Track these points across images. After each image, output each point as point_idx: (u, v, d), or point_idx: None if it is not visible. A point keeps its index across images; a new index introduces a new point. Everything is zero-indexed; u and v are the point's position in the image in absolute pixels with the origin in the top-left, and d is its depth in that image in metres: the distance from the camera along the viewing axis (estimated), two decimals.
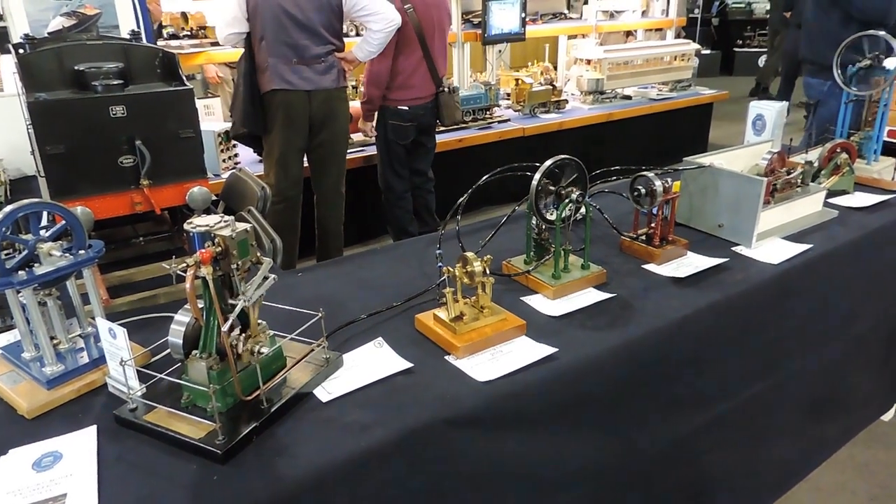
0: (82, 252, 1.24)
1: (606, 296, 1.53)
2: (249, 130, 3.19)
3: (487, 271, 1.35)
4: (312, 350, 1.27)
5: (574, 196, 1.53)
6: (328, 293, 1.58)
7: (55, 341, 1.27)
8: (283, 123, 3.16)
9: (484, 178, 1.68)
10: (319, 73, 3.14)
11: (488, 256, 1.36)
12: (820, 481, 2.35)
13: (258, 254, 1.15)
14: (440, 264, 1.53)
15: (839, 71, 2.26)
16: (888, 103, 2.28)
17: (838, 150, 2.14)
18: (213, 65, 5.16)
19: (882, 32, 2.20)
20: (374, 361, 1.30)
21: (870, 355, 2.13)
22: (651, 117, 5.69)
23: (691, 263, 1.68)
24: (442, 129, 4.51)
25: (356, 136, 4.35)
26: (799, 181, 1.96)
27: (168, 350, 1.16)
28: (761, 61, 9.08)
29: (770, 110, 2.26)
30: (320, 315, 1.26)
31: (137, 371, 1.15)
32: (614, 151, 5.46)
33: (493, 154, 4.75)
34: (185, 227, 1.11)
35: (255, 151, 3.50)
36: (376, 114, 3.71)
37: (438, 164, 4.22)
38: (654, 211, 1.71)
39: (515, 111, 5.22)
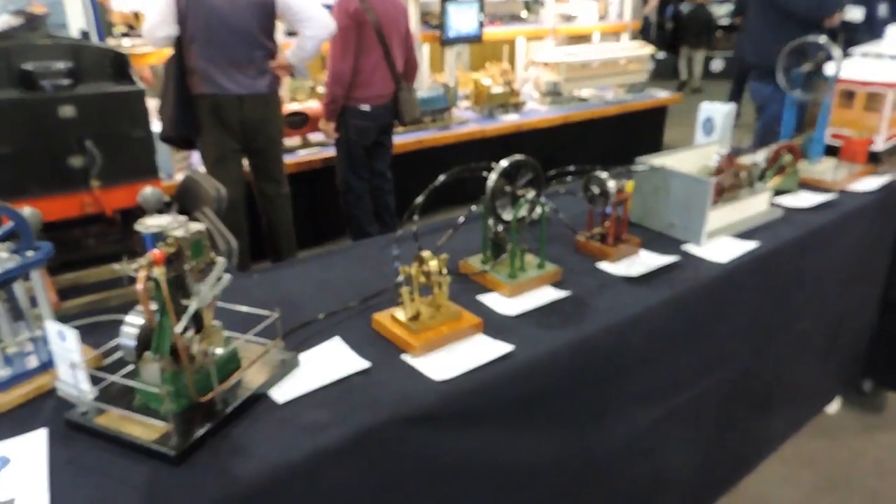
0: (30, 253, 1.21)
1: (562, 294, 1.56)
2: (179, 133, 3.15)
3: (444, 270, 1.37)
4: (268, 351, 1.27)
5: (529, 196, 1.55)
6: (285, 294, 1.58)
7: (2, 345, 1.24)
8: (214, 127, 3.14)
9: (441, 177, 1.70)
10: (252, 77, 3.12)
11: (444, 255, 1.38)
12: (767, 473, 2.44)
13: (212, 254, 1.15)
14: (397, 264, 1.54)
15: (783, 75, 2.35)
16: (829, 106, 2.38)
17: (783, 151, 2.23)
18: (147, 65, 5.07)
19: (823, 38, 2.29)
20: (331, 361, 1.30)
21: (813, 350, 2.21)
22: (607, 119, 5.79)
23: (644, 262, 1.73)
24: (401, 128, 4.52)
25: (314, 137, 4.33)
26: (746, 181, 2.03)
27: (120, 352, 1.15)
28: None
29: (719, 112, 2.34)
30: (276, 315, 1.26)
31: (89, 374, 1.14)
32: (572, 152, 5.54)
33: (452, 155, 4.78)
34: (137, 227, 1.10)
35: (186, 150, 3.46)
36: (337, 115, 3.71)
37: (398, 165, 4.23)
38: (608, 211, 1.75)
39: (474, 112, 5.26)
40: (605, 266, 1.71)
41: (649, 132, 6.27)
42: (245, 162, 3.34)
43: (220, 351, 1.16)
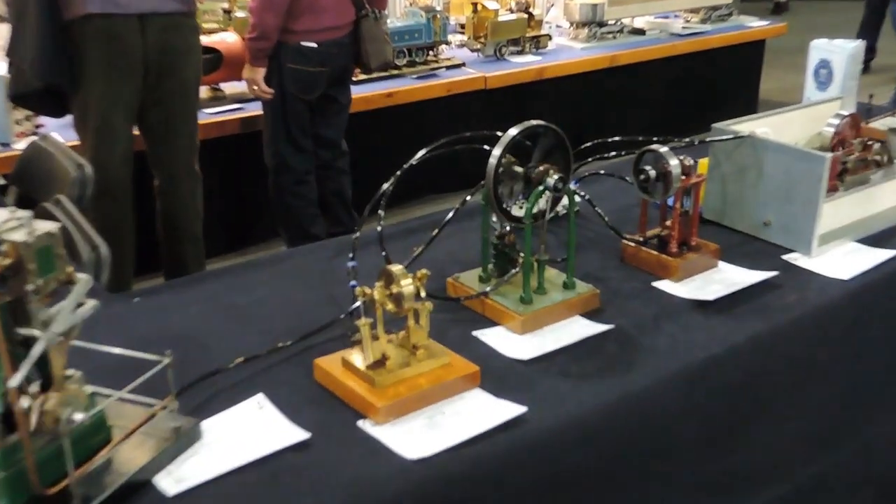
0: None
1: (600, 328, 1.57)
2: (48, 83, 3.12)
3: (423, 293, 1.37)
4: (153, 416, 1.27)
5: (552, 181, 1.57)
6: (181, 328, 1.57)
7: None
8: (103, 69, 3.09)
9: (420, 153, 1.71)
10: None
11: (423, 271, 1.39)
12: None
13: (70, 268, 1.15)
14: (354, 283, 1.54)
15: None
16: None
17: None
18: None
19: None
20: (250, 431, 1.30)
21: None
22: (674, 62, 5.85)
23: (724, 280, 1.73)
24: (363, 76, 4.54)
25: (229, 88, 4.34)
26: (882, 158, 2.05)
27: None
28: None
29: (839, 54, 2.36)
30: (166, 361, 1.26)
31: None
32: (618, 114, 5.59)
33: (439, 117, 4.81)
34: None
35: (52, 115, 3.43)
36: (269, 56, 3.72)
37: (357, 133, 4.25)
38: (670, 203, 1.77)
39: (473, 51, 5.30)
40: (665, 286, 1.72)
41: (736, 82, 6.34)
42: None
43: (79, 416, 1.16)
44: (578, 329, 1.57)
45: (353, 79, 4.22)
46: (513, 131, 1.55)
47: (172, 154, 3.38)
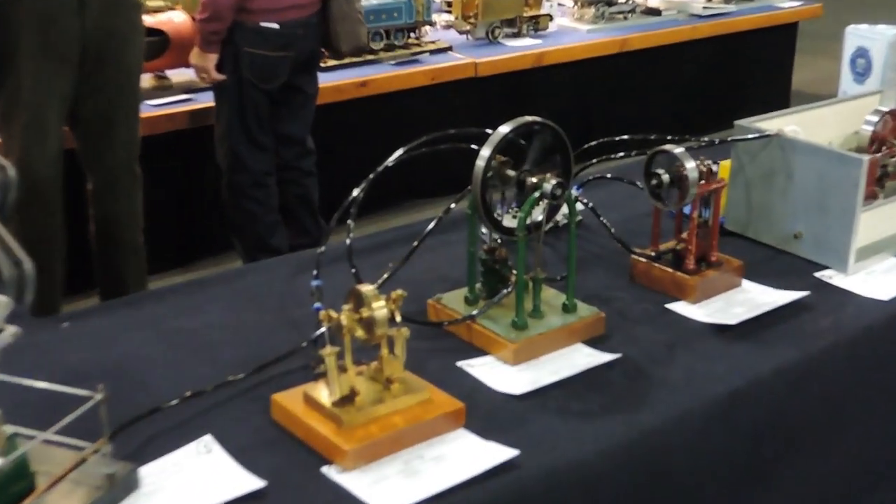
0: None
1: (605, 358, 1.57)
2: None
3: (398, 317, 1.37)
4: (85, 460, 1.26)
5: (550, 187, 1.57)
6: (117, 358, 1.57)
7: None
8: (36, 56, 3.11)
9: (397, 153, 1.71)
10: None
11: (399, 292, 1.39)
12: None
13: None
14: (318, 305, 1.54)
15: None
16: None
17: None
18: None
19: None
20: (195, 479, 1.29)
21: None
22: (693, 48, 5.89)
23: (748, 301, 1.74)
24: (333, 62, 4.54)
25: (177, 76, 4.33)
26: None
27: None
28: None
29: (880, 41, 2.38)
30: (99, 397, 1.25)
31: None
32: (628, 108, 5.62)
33: (421, 109, 4.82)
34: None
35: None
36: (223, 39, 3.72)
37: (324, 128, 4.25)
38: (687, 212, 1.77)
39: (461, 33, 5.32)
40: (680, 308, 1.73)
41: (765, 72, 6.37)
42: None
43: None
44: (580, 359, 1.57)
45: (321, 65, 4.23)
46: (504, 129, 1.55)
47: (110, 152, 3.37)
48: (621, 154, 2.08)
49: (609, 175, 2.20)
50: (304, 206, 4.08)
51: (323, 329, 1.39)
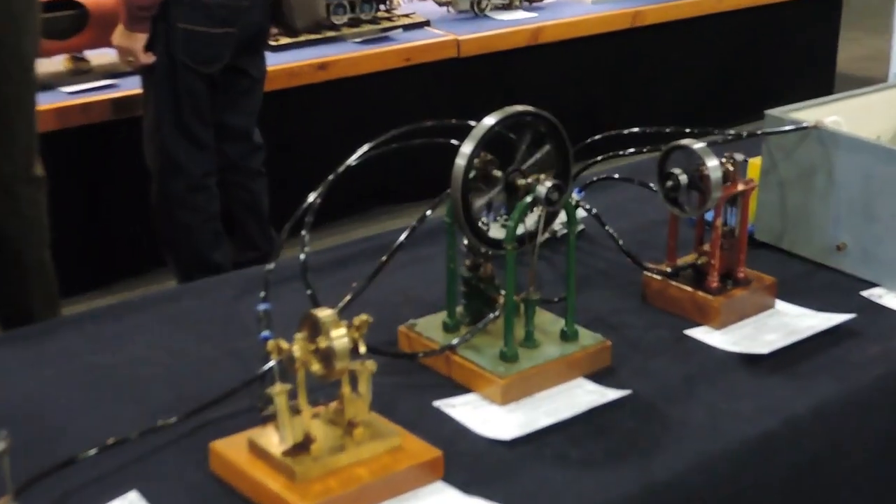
0: None
1: (612, 395, 1.57)
2: None
3: (362, 347, 1.37)
4: None
5: (544, 190, 1.57)
6: (24, 399, 1.56)
7: None
8: None
9: (362, 149, 1.71)
10: None
11: (364, 317, 1.39)
12: None
13: None
14: (266, 334, 1.54)
15: None
16: None
17: None
18: None
19: None
20: None
21: None
22: (719, 23, 5.90)
23: (783, 325, 1.75)
24: (284, 40, 4.55)
25: (97, 57, 4.32)
26: None
27: None
28: None
29: None
30: (2, 446, 1.25)
31: None
32: (641, 94, 5.63)
33: (393, 97, 4.82)
34: None
35: None
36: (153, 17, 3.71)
37: (275, 120, 4.25)
38: (709, 218, 1.79)
39: (441, 5, 5.33)
40: (702, 335, 1.74)
41: (804, 50, 6.38)
42: None
43: None
44: (582, 396, 1.58)
45: (271, 44, 4.22)
46: (490, 120, 1.55)
47: (4, 154, 3.36)
48: (631, 150, 2.09)
49: (617, 175, 2.21)
50: (251, 213, 4.06)
51: (272, 363, 1.39)
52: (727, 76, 6.01)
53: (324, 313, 1.36)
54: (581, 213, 1.94)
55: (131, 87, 4.07)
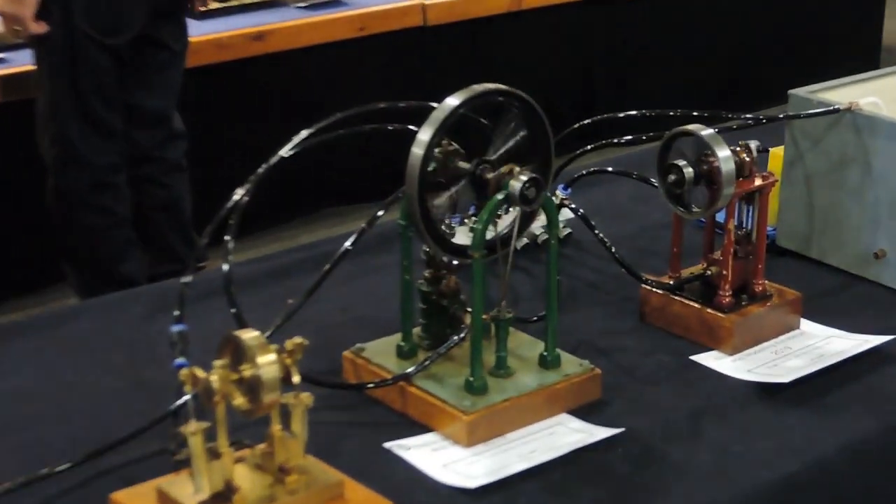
0: None
1: (602, 433, 1.57)
2: None
3: (296, 377, 1.37)
4: None
5: (519, 186, 1.57)
6: None
7: None
8: None
9: (299, 136, 1.71)
10: None
11: (298, 339, 1.39)
12: None
13: None
14: (180, 361, 1.54)
15: None
16: None
17: None
18: None
19: None
20: None
21: None
22: None
23: (809, 349, 1.76)
24: (213, 4, 4.54)
25: None
26: None
27: None
28: None
29: None
30: None
31: None
32: (643, 69, 5.63)
33: (345, 74, 4.82)
34: None
35: None
36: None
37: (200, 102, 4.24)
38: (721, 220, 1.79)
39: None
40: (712, 360, 1.74)
41: (844, 18, 6.40)
42: None
43: None
44: (565, 436, 1.57)
45: (197, 9, 4.23)
46: (453, 101, 1.55)
47: None
48: (628, 138, 2.08)
49: (610, 169, 2.22)
50: (169, 216, 4.06)
51: (187, 396, 1.39)
52: (753, 50, 6.02)
53: (248, 335, 1.35)
54: (566, 213, 1.94)
55: (22, 62, 4.06)
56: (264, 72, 4.65)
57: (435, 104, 1.58)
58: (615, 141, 2.10)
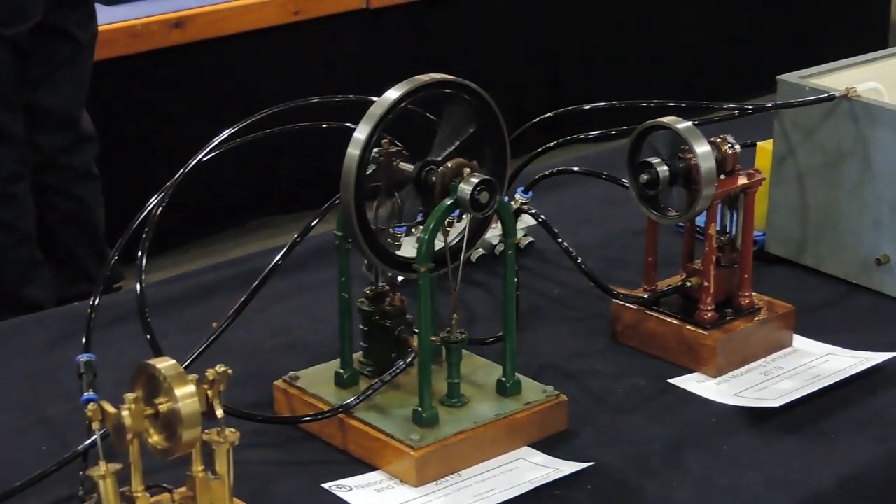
0: None
1: (568, 469, 1.57)
2: None
3: (220, 410, 1.38)
4: None
5: (469, 189, 1.58)
6: None
7: None
8: None
9: (220, 136, 1.71)
10: None
11: (221, 368, 1.39)
12: None
13: None
14: (88, 395, 1.53)
15: None
16: None
17: None
18: None
19: None
20: None
21: None
22: None
23: (802, 369, 1.77)
24: None
25: None
26: None
27: None
28: None
29: None
30: None
31: None
32: (619, 59, 5.65)
33: (279, 65, 4.82)
34: None
35: None
36: None
37: (111, 100, 4.23)
38: (701, 224, 1.81)
39: None
40: (692, 383, 1.75)
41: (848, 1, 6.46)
42: None
43: None
44: (527, 472, 1.57)
45: None
46: (393, 94, 1.56)
47: None
48: (596, 133, 2.09)
49: (576, 168, 2.22)
50: (79, 229, 4.05)
51: (96, 435, 1.39)
52: (744, 32, 6.04)
53: (164, 364, 1.34)
54: (526, 220, 1.95)
55: None
56: (185, 64, 4.64)
57: (376, 98, 1.58)
58: (581, 137, 2.10)
